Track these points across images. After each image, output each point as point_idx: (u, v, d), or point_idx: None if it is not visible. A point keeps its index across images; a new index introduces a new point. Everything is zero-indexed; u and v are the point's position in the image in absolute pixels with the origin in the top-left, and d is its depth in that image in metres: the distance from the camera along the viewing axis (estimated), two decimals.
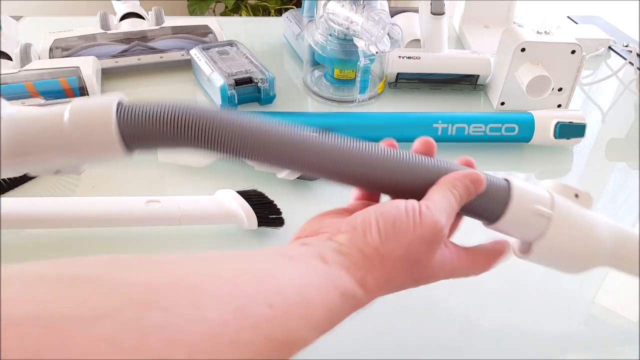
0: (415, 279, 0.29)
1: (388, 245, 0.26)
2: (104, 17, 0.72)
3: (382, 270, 0.26)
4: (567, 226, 0.31)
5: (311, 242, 0.27)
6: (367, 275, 0.26)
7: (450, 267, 0.29)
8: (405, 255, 0.27)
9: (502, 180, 0.32)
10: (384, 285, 0.27)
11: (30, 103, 0.58)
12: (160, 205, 0.43)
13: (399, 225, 0.27)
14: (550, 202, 0.31)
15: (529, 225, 0.31)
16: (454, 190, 0.29)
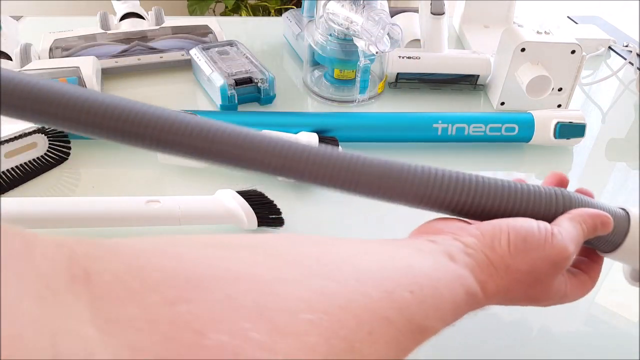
0: (531, 297, 0.30)
1: (516, 258, 0.28)
2: (104, 17, 0.72)
3: (504, 279, 0.28)
4: None
5: (438, 240, 0.28)
6: (489, 281, 0.27)
7: (563, 293, 0.30)
8: (529, 272, 0.28)
9: (620, 210, 0.33)
10: (503, 294, 0.28)
11: None
12: (160, 205, 0.43)
13: (530, 241, 0.28)
14: None
15: None
16: (584, 224, 0.30)
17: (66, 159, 0.54)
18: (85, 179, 0.52)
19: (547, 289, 0.29)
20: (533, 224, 0.29)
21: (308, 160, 0.28)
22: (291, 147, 0.28)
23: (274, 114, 0.60)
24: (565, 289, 0.30)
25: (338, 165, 0.29)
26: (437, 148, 0.58)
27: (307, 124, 0.55)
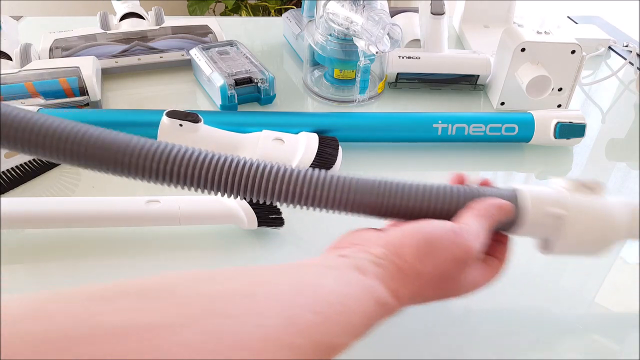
0: (443, 294, 0.30)
1: (425, 263, 0.28)
2: (104, 17, 0.72)
3: (415, 284, 0.28)
4: (582, 220, 0.33)
5: (348, 254, 0.29)
6: (401, 288, 0.28)
7: (474, 282, 0.31)
8: (438, 273, 0.29)
9: (512, 192, 0.34)
10: (414, 297, 0.29)
11: (30, 103, 0.58)
12: (160, 205, 0.43)
13: (435, 244, 0.29)
14: (563, 201, 0.33)
15: (546, 228, 0.33)
16: (486, 216, 0.31)
17: None
18: (85, 179, 0.52)
19: (457, 284, 0.30)
20: (436, 226, 0.30)
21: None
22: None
23: (274, 114, 0.59)
24: (475, 278, 0.31)
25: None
26: (437, 148, 0.58)
27: (307, 124, 0.55)
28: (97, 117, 0.56)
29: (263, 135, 0.52)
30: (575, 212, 0.33)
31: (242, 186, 0.31)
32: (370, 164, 0.56)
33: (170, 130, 0.50)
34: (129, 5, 0.76)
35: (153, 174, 0.30)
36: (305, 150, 0.50)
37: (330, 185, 0.31)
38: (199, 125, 0.50)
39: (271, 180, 0.31)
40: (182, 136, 0.50)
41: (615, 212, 0.34)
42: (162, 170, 0.30)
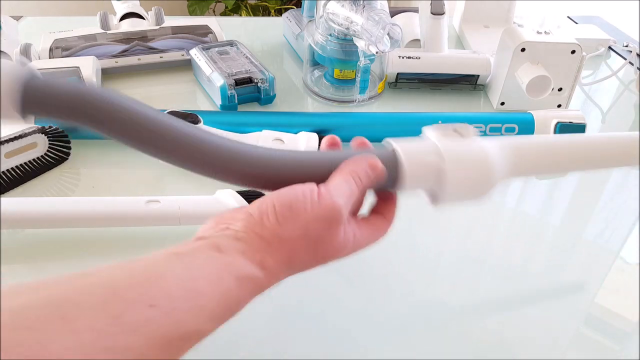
0: (321, 257, 0.29)
1: (286, 226, 0.27)
2: (104, 17, 0.72)
3: (281, 251, 0.27)
4: (460, 165, 0.33)
5: (207, 235, 0.28)
6: (266, 257, 0.27)
7: (354, 242, 0.30)
8: (304, 235, 0.28)
9: (387, 147, 0.34)
10: (287, 265, 0.28)
11: None
12: (160, 205, 0.43)
13: (295, 207, 0.28)
14: (437, 150, 0.34)
15: (427, 178, 0.33)
16: (354, 174, 0.30)
17: (66, 159, 0.54)
18: (85, 179, 0.52)
19: (332, 246, 0.29)
20: (297, 189, 0.29)
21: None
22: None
23: (274, 114, 0.59)
24: (356, 237, 0.30)
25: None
26: None
27: (307, 124, 0.55)
28: None
29: (263, 135, 0.51)
30: (452, 159, 0.33)
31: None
32: None
33: None
34: (129, 5, 0.76)
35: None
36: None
37: (196, 143, 0.31)
38: (199, 125, 0.50)
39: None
40: None
41: (490, 153, 0.34)
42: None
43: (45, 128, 0.51)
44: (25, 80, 0.29)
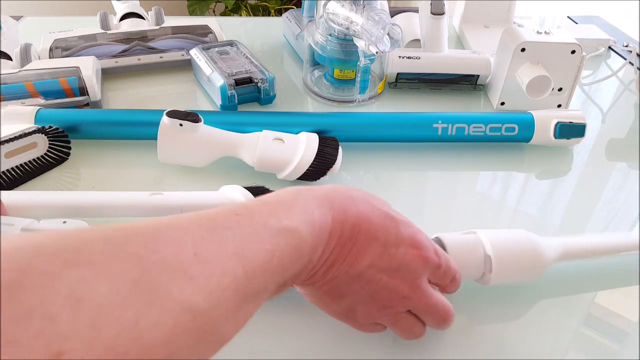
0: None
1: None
2: (104, 17, 0.72)
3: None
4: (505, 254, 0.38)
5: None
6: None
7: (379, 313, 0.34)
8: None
9: (435, 239, 0.38)
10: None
11: (30, 103, 0.58)
12: (163, 197, 0.43)
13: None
14: (480, 241, 0.38)
15: (472, 269, 0.38)
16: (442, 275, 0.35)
17: (66, 159, 0.54)
18: (85, 179, 0.52)
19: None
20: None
21: None
22: None
23: (274, 114, 0.59)
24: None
25: None
26: (437, 148, 0.58)
27: (307, 124, 0.55)
28: (97, 117, 0.56)
29: (263, 135, 0.51)
30: (494, 252, 0.37)
31: None
32: (370, 164, 0.56)
33: (171, 130, 0.50)
34: (129, 5, 0.76)
35: None
36: (305, 150, 0.50)
37: None
38: (199, 125, 0.50)
39: None
40: (182, 136, 0.50)
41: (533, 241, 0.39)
42: None
43: (45, 128, 0.51)
44: None
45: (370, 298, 0.31)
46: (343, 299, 0.32)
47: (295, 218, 0.27)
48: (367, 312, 0.32)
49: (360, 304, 0.32)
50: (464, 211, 0.51)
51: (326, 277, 0.30)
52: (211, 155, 0.52)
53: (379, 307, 0.32)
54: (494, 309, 0.40)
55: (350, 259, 0.30)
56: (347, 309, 0.32)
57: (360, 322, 0.33)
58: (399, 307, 0.32)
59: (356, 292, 0.31)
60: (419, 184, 0.54)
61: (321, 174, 0.50)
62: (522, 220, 0.50)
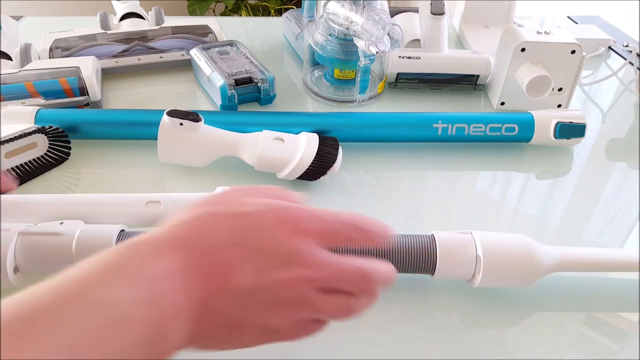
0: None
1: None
2: (104, 17, 0.72)
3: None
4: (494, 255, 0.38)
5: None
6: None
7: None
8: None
9: (429, 236, 0.39)
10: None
11: (30, 103, 0.58)
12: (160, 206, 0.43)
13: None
14: (472, 241, 0.38)
15: (463, 268, 0.38)
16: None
17: (66, 159, 0.54)
18: (85, 179, 0.52)
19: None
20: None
21: None
22: None
23: (274, 114, 0.59)
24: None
25: None
26: (437, 148, 0.58)
27: (307, 124, 0.55)
28: (97, 117, 0.56)
29: (263, 135, 0.51)
30: (485, 250, 0.37)
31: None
32: (370, 164, 0.56)
33: (171, 129, 0.50)
34: (129, 5, 0.76)
35: None
36: (305, 150, 0.50)
37: None
38: (200, 124, 0.50)
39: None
40: (182, 135, 0.50)
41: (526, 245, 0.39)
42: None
43: (45, 128, 0.51)
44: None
45: (272, 304, 0.28)
46: (247, 324, 0.28)
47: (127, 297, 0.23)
48: (283, 317, 0.28)
49: (269, 315, 0.28)
50: (463, 211, 0.51)
51: (213, 318, 0.27)
52: (211, 155, 0.52)
53: (290, 305, 0.28)
54: (493, 308, 0.40)
55: (226, 285, 0.26)
56: (261, 328, 0.28)
57: (286, 331, 0.29)
58: (306, 292, 0.28)
59: (255, 308, 0.27)
60: (419, 184, 0.54)
61: (321, 173, 0.50)
62: (522, 220, 0.50)
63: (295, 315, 0.29)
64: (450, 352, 0.36)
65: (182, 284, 0.25)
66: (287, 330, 0.29)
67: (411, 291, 0.41)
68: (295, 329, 0.30)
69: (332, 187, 0.52)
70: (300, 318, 0.29)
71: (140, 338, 0.23)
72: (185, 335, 0.26)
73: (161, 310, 0.24)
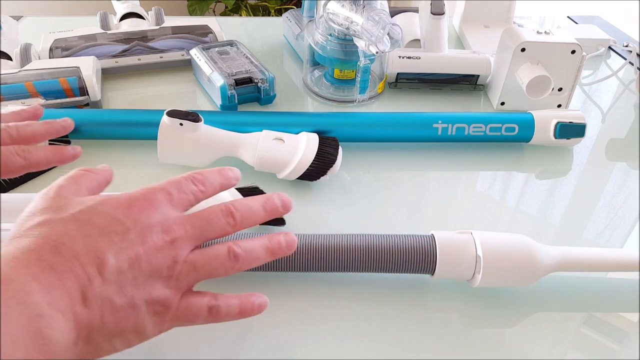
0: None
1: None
2: (104, 17, 0.72)
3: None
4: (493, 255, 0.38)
5: None
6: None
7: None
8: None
9: (429, 236, 0.39)
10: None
11: (30, 103, 0.58)
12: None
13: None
14: (472, 241, 0.38)
15: (463, 268, 0.38)
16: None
17: None
18: None
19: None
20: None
21: None
22: None
23: (274, 114, 0.59)
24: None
25: None
26: (437, 148, 0.58)
27: (307, 124, 0.55)
28: (97, 117, 0.56)
29: (263, 135, 0.52)
30: (485, 251, 0.37)
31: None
32: (370, 164, 0.56)
33: (171, 129, 0.50)
34: (129, 5, 0.76)
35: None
36: (305, 150, 0.50)
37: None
38: (200, 124, 0.50)
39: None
40: (182, 136, 0.50)
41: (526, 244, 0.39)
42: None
43: None
44: None
45: (149, 276, 0.28)
46: (137, 304, 0.27)
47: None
48: (165, 285, 0.28)
49: (151, 288, 0.28)
50: (463, 211, 0.51)
51: (97, 305, 0.26)
52: (211, 155, 0.52)
53: (165, 270, 0.28)
54: (493, 308, 0.40)
55: (95, 272, 0.26)
56: (153, 305, 0.28)
57: (175, 300, 0.29)
58: (173, 253, 0.28)
59: (133, 286, 0.27)
60: (419, 184, 0.54)
61: (321, 173, 0.50)
62: (522, 220, 0.50)
63: (176, 280, 0.29)
64: (450, 352, 0.36)
65: (54, 294, 0.24)
66: (176, 299, 0.29)
67: (411, 291, 0.41)
68: (188, 296, 0.30)
69: (332, 187, 0.52)
70: (184, 281, 0.29)
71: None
72: (74, 327, 0.25)
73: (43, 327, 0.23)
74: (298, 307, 0.39)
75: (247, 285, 0.40)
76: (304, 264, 0.38)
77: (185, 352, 0.35)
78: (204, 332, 0.36)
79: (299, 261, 0.38)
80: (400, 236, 0.39)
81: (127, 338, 0.28)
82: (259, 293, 0.33)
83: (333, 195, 0.51)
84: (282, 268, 0.39)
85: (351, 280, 0.41)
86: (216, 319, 0.31)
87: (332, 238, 0.39)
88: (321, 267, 0.39)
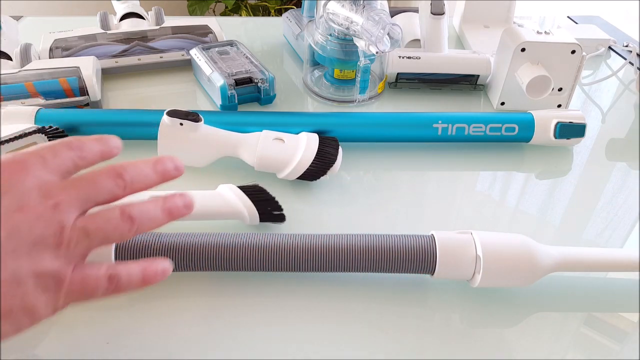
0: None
1: None
2: (104, 17, 0.72)
3: None
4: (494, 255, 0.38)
5: None
6: None
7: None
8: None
9: (428, 236, 0.39)
10: None
11: (30, 103, 0.58)
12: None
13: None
14: (472, 241, 0.38)
15: (463, 268, 0.38)
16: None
17: None
18: None
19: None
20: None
21: None
22: None
23: (274, 114, 0.59)
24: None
25: None
26: (437, 148, 0.58)
27: (307, 124, 0.55)
28: (97, 117, 0.56)
29: (263, 135, 0.52)
30: (485, 251, 0.37)
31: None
32: (370, 164, 0.56)
33: (171, 129, 0.50)
34: (129, 5, 0.76)
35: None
36: (305, 150, 0.50)
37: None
38: (200, 124, 0.50)
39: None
40: (182, 136, 0.50)
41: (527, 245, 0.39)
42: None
43: (45, 128, 0.51)
44: None
45: (33, 245, 0.25)
46: (22, 277, 0.25)
47: None
48: (53, 255, 0.26)
49: (37, 259, 0.25)
50: (463, 211, 0.51)
51: None
52: (211, 155, 0.52)
53: (51, 238, 0.25)
54: (493, 308, 0.40)
55: None
56: (41, 278, 0.25)
57: (66, 272, 0.26)
58: (59, 218, 0.26)
59: (15, 256, 0.25)
60: (419, 184, 0.54)
61: (321, 173, 0.50)
62: (522, 220, 0.50)
63: (66, 249, 0.26)
64: (450, 352, 0.36)
65: None
66: (68, 270, 0.26)
67: (411, 291, 0.41)
68: (82, 267, 0.27)
69: (332, 187, 0.52)
70: (75, 250, 0.27)
71: None
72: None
73: None
74: (298, 307, 0.39)
75: (247, 285, 0.40)
76: (304, 264, 0.38)
77: (186, 352, 0.35)
78: (203, 332, 0.36)
79: (299, 261, 0.38)
80: (400, 236, 0.39)
81: (16, 320, 0.25)
82: (162, 257, 0.30)
83: (333, 195, 0.51)
84: (282, 268, 0.39)
85: (351, 280, 0.41)
86: (117, 290, 0.28)
87: (332, 238, 0.39)
88: (321, 267, 0.39)
